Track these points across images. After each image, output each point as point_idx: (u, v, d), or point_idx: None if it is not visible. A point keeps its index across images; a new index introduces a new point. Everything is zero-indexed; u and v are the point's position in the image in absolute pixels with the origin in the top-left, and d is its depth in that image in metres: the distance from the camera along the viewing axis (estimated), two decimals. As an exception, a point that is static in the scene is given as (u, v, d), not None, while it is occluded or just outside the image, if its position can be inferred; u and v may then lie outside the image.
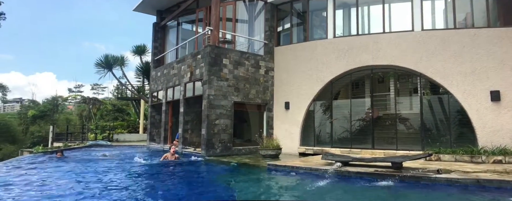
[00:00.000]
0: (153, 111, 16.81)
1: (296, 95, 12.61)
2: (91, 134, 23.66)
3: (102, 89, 44.69)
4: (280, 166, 8.29)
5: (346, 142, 11.46)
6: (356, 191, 6.15)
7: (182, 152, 12.67)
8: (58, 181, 7.10)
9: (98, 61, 21.92)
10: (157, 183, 7.67)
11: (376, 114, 11.24)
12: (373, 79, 11.60)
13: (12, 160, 12.35)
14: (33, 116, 40.28)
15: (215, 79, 11.56)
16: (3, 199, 5.24)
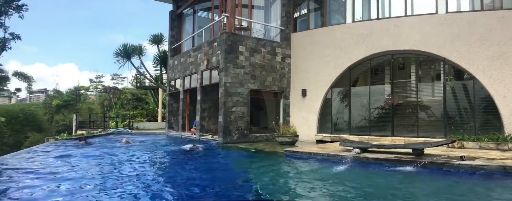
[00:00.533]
0: (171, 99, 17.05)
1: (313, 82, 12.43)
2: (112, 122, 24.32)
3: (122, 80, 45.74)
4: (297, 152, 8.26)
5: (364, 129, 11.27)
6: (376, 177, 6.05)
7: (199, 139, 12.85)
8: (88, 164, 7.37)
9: (117, 50, 22.33)
10: (180, 167, 7.86)
11: (397, 101, 10.95)
12: (394, 66, 11.25)
13: (41, 145, 12.92)
14: (57, 106, 41.81)
15: (231, 66, 11.54)
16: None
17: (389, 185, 5.30)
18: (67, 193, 4.69)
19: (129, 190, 5.02)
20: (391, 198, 4.46)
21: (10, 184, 5.24)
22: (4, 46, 25.93)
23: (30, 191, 4.79)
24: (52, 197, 4.48)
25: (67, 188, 4.98)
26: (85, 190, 4.89)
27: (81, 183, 5.36)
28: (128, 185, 5.31)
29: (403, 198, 4.48)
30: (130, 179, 5.83)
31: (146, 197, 4.69)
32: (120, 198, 4.53)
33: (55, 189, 4.94)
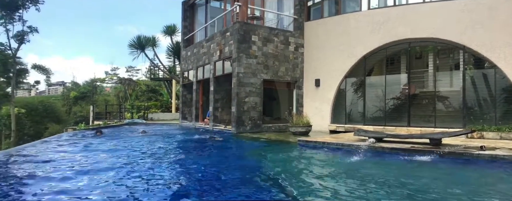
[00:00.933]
0: (184, 90, 17.18)
1: (327, 72, 12.25)
2: (128, 113, 24.80)
3: (136, 72, 46.42)
4: (310, 141, 8.20)
5: (379, 119, 11.08)
6: (392, 166, 5.95)
7: (213, 129, 12.93)
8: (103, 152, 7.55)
9: (131, 42, 22.59)
10: (195, 154, 7.96)
11: (413, 90, 10.69)
12: (410, 54, 10.94)
13: (63, 134, 13.33)
14: (75, 97, 42.90)
15: (244, 56, 11.48)
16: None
17: (406, 174, 5.19)
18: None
19: (150, 172, 5.21)
20: (408, 186, 4.37)
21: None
22: (22, 39, 26.58)
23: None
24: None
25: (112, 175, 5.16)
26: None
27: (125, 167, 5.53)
28: (146, 166, 5.41)
29: (421, 186, 4.38)
30: (149, 165, 5.93)
31: (168, 179, 4.92)
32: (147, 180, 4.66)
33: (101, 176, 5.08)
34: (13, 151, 7.96)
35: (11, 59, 27.45)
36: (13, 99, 27.83)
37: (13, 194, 4.08)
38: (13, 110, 27.20)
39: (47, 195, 3.95)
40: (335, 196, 3.96)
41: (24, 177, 4.92)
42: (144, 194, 4.08)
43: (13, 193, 4.14)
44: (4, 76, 28.33)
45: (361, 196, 3.95)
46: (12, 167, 5.85)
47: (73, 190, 4.20)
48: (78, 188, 4.28)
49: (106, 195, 3.93)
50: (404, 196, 3.92)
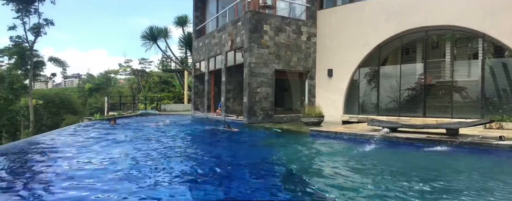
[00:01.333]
0: (196, 81, 17.25)
1: (340, 62, 12.05)
2: (141, 104, 25.17)
3: (149, 64, 46.85)
4: (323, 131, 8.13)
5: (393, 110, 10.87)
6: (407, 155, 5.84)
7: (225, 119, 12.97)
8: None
9: (144, 33, 22.75)
10: (209, 143, 8.04)
11: (430, 80, 10.41)
12: (427, 43, 10.62)
13: (81, 124, 13.70)
14: (90, 89, 43.81)
15: (255, 46, 11.39)
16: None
17: (422, 163, 5.08)
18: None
19: (172, 162, 5.33)
20: (425, 175, 4.28)
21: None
22: (38, 32, 27.10)
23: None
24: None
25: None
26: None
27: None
28: (163, 157, 5.49)
29: (439, 176, 4.28)
30: (164, 154, 6.01)
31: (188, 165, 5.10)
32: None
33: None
34: (34, 139, 8.25)
35: (28, 52, 28.08)
36: (31, 91, 28.58)
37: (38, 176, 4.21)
38: (31, 101, 27.96)
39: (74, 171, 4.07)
40: (348, 185, 3.91)
41: (48, 161, 5.10)
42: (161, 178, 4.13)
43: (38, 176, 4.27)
44: (22, 69, 29.06)
45: (376, 185, 3.89)
46: (35, 153, 6.04)
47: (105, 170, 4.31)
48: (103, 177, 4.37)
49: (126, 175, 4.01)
50: (421, 186, 3.84)
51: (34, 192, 3.60)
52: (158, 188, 3.81)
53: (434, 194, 3.48)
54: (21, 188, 3.75)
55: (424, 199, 3.32)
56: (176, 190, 3.81)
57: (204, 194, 3.65)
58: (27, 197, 3.44)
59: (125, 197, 3.40)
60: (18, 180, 4.13)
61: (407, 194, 3.45)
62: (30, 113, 27.42)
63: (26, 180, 4.11)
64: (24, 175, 4.47)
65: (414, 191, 3.58)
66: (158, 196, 3.51)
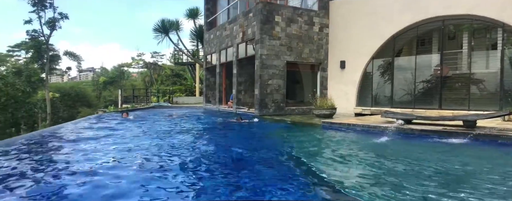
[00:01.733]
0: (208, 74, 17.29)
1: (353, 54, 11.84)
2: (154, 97, 25.47)
3: (161, 57, 47.18)
4: (335, 123, 8.04)
5: (408, 102, 10.65)
6: (422, 147, 5.71)
7: (236, 111, 13.00)
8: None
9: (156, 26, 22.87)
10: (223, 134, 8.09)
11: (446, 71, 10.12)
12: (443, 33, 10.30)
13: (96, 115, 14.00)
14: (104, 82, 44.59)
15: (267, 38, 11.29)
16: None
17: (438, 155, 4.96)
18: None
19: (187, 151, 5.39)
20: (440, 167, 4.17)
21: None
22: (54, 26, 27.59)
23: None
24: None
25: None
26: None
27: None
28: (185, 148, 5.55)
29: (455, 167, 4.17)
30: (185, 145, 6.07)
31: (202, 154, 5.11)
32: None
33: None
34: (54, 128, 8.53)
35: (44, 46, 28.68)
36: (48, 84, 29.27)
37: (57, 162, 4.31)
38: (48, 94, 28.65)
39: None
40: (360, 176, 3.85)
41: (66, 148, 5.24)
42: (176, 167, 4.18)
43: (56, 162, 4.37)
44: (38, 63, 29.73)
45: (390, 177, 3.82)
46: (55, 141, 6.21)
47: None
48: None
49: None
50: (439, 177, 3.75)
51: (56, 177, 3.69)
52: (169, 176, 3.84)
53: (452, 186, 3.39)
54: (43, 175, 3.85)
55: (443, 190, 3.23)
56: (190, 179, 3.83)
57: (217, 183, 3.66)
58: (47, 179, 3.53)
59: (142, 185, 3.43)
60: (41, 166, 4.24)
61: (426, 184, 3.38)
62: (47, 106, 28.12)
63: (47, 164, 4.22)
64: (47, 160, 4.60)
65: (433, 182, 3.50)
66: (169, 185, 3.53)
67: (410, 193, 3.10)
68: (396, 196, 3.03)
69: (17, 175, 3.81)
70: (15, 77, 23.74)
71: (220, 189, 3.41)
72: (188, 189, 3.46)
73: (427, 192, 3.14)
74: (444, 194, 3.09)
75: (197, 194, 3.34)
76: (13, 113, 16.33)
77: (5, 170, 4.03)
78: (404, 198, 2.97)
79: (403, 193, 3.12)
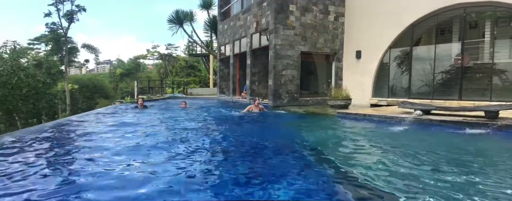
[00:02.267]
0: (222, 65, 17.31)
1: (369, 43, 11.56)
2: (169, 88, 25.77)
3: (175, 49, 47.54)
4: (350, 113, 7.91)
5: (426, 92, 10.35)
6: (441, 138, 5.55)
7: (250, 102, 12.98)
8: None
9: (170, 17, 23.01)
10: (239, 125, 8.12)
11: (468, 61, 9.75)
12: (465, 22, 9.88)
13: (114, 106, 14.32)
14: (121, 74, 45.42)
15: (281, 28, 11.14)
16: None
17: (457, 145, 4.81)
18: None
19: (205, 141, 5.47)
20: (459, 157, 4.04)
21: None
22: (72, 18, 28.17)
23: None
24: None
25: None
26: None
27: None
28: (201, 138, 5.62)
29: (476, 158, 4.03)
30: (200, 134, 6.13)
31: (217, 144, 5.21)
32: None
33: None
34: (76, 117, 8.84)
35: (62, 38, 29.37)
36: (67, 76, 30.06)
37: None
38: (67, 85, 29.46)
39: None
40: (376, 165, 3.77)
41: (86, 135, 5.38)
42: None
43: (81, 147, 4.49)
44: (57, 55, 30.52)
45: (407, 166, 3.72)
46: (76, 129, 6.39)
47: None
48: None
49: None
50: (460, 168, 3.63)
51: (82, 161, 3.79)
52: (185, 163, 3.87)
53: (471, 176, 3.27)
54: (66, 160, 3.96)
55: (466, 181, 3.13)
56: (207, 166, 3.86)
57: (233, 171, 3.67)
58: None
59: (165, 170, 3.49)
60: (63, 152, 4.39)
61: (445, 175, 3.27)
62: (66, 97, 28.93)
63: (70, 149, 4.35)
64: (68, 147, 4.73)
65: (453, 172, 3.39)
66: (185, 172, 3.56)
67: (428, 183, 3.01)
68: (414, 186, 2.95)
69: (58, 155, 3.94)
70: (36, 69, 24.48)
71: (236, 177, 3.41)
72: (206, 175, 3.48)
73: (446, 182, 3.04)
74: (462, 184, 2.99)
75: (212, 180, 3.35)
76: (35, 104, 16.87)
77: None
78: (422, 187, 2.89)
79: (421, 182, 3.03)
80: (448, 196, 2.65)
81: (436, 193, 2.71)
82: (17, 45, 20.83)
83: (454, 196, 2.67)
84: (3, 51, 17.73)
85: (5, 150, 4.49)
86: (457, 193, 2.71)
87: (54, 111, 32.44)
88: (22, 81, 15.25)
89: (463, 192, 2.73)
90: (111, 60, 78.20)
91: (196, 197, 2.80)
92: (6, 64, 15.19)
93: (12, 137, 5.39)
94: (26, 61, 21.67)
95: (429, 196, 2.64)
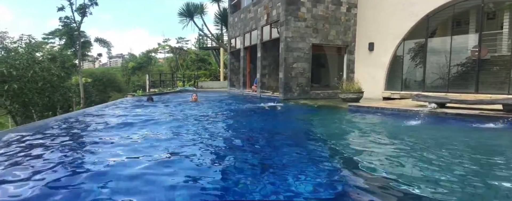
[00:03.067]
0: (232, 58, 17.27)
1: (382, 35, 11.30)
2: (179, 82, 25.94)
3: (186, 42, 47.69)
4: (362, 106, 7.78)
5: (441, 86, 10.10)
6: (456, 131, 5.41)
7: (260, 96, 12.95)
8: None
9: (181, 10, 23.01)
10: (249, 117, 8.13)
11: (485, 53, 9.44)
12: (482, 13, 9.52)
13: (125, 98, 14.50)
14: (133, 68, 45.93)
15: (292, 19, 10.99)
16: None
17: (473, 139, 4.67)
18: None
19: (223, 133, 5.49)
20: (474, 150, 3.92)
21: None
22: (84, 12, 28.47)
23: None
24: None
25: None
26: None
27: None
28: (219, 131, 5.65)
29: (492, 150, 3.90)
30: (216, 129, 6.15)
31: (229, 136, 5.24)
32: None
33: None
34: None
35: (76, 32, 29.80)
36: (81, 70, 30.56)
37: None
38: (81, 79, 29.97)
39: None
40: (388, 158, 3.70)
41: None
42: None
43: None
44: (71, 49, 31.01)
45: (419, 159, 3.63)
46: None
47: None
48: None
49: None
50: (474, 161, 3.52)
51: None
52: (198, 151, 3.89)
53: (487, 169, 3.17)
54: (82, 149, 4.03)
55: (478, 173, 3.03)
56: (219, 156, 3.86)
57: (244, 161, 3.66)
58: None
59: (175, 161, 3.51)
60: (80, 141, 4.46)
61: (461, 168, 3.18)
62: (80, 90, 29.46)
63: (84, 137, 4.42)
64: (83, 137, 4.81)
65: (469, 166, 3.29)
66: (199, 160, 3.57)
67: (444, 177, 2.92)
68: (429, 178, 2.87)
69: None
70: (50, 63, 24.98)
71: (247, 170, 3.40)
72: (218, 163, 3.49)
73: (463, 177, 2.95)
74: (478, 177, 2.89)
75: (224, 168, 3.35)
76: (50, 97, 17.19)
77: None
78: (438, 180, 2.81)
79: (436, 175, 2.95)
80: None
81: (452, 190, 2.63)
82: (32, 40, 21.18)
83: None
84: (18, 45, 18.07)
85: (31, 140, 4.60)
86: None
87: (68, 104, 33.14)
88: (38, 74, 15.53)
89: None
90: (123, 54, 79.08)
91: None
92: (22, 58, 15.49)
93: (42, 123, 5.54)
94: (41, 55, 22.11)
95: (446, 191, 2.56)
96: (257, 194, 2.59)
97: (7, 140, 4.59)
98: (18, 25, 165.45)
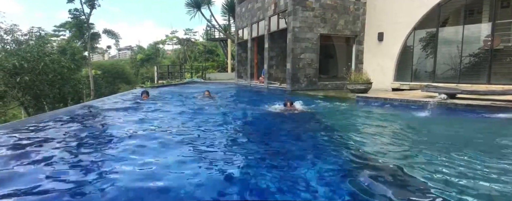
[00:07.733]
0: (239, 49, 17.20)
1: (392, 24, 11.09)
2: (188, 73, 26.04)
3: (193, 34, 47.62)
4: (371, 97, 7.70)
5: (452, 76, 9.91)
6: (467, 122, 5.33)
7: (268, 87, 12.92)
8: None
9: (188, 0, 22.91)
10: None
11: (497, 43, 9.20)
12: (496, 1, 9.22)
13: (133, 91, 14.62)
14: (141, 60, 46.21)
15: (300, 9, 10.85)
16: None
17: (483, 129, 4.60)
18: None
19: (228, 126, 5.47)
20: (485, 141, 3.86)
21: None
22: (93, 4, 28.57)
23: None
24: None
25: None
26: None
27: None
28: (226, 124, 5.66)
29: (503, 141, 3.84)
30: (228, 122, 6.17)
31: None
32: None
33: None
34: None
35: (85, 24, 30.00)
36: (90, 62, 30.87)
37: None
38: (91, 71, 30.31)
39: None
40: (397, 149, 3.67)
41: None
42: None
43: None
44: (80, 41, 31.28)
45: (429, 149, 3.59)
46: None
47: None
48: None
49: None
50: (485, 152, 3.47)
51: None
52: (204, 141, 3.92)
53: (497, 160, 3.12)
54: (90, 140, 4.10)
55: (489, 164, 2.99)
56: (226, 148, 3.89)
57: (247, 152, 3.68)
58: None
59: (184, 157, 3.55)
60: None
61: (473, 159, 3.14)
62: (90, 82, 29.84)
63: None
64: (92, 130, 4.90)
65: (480, 156, 3.25)
66: (204, 150, 3.60)
67: (455, 168, 2.89)
68: (437, 169, 2.85)
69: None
70: (60, 55, 25.26)
71: (256, 161, 3.41)
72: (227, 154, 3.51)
73: (473, 168, 2.91)
74: (489, 168, 2.86)
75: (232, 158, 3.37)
76: (60, 89, 17.46)
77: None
78: (446, 171, 2.79)
79: (446, 166, 2.92)
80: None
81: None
82: (42, 32, 21.40)
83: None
84: (29, 37, 18.28)
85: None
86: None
87: (79, 96, 33.65)
88: (48, 66, 15.75)
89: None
90: (131, 46, 79.48)
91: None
92: (33, 50, 15.70)
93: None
94: (51, 47, 22.38)
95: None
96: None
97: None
98: (29, 17, 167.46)
